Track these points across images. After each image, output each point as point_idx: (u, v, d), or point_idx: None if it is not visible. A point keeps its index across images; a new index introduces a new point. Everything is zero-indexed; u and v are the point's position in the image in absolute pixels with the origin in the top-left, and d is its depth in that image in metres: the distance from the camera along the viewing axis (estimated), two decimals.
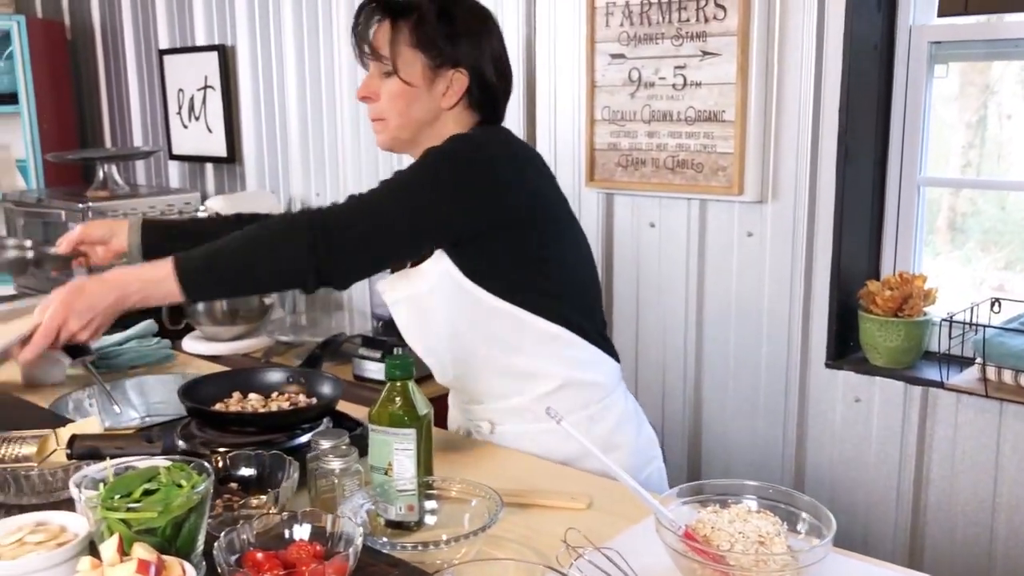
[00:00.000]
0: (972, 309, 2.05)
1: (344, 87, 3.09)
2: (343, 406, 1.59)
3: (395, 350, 2.67)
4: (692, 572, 1.09)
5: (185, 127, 3.68)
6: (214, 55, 3.46)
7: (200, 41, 3.55)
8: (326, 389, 1.54)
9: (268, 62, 3.31)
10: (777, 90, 2.18)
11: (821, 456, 2.26)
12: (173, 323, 3.03)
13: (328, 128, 3.17)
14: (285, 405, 1.51)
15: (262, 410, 1.48)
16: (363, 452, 1.32)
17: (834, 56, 2.09)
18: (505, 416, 1.60)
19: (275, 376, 1.59)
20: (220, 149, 3.54)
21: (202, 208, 2.70)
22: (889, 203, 2.25)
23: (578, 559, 1.13)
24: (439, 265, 1.48)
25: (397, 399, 1.27)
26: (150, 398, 1.92)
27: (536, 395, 1.55)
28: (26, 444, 1.23)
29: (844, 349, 2.22)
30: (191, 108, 3.62)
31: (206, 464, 1.03)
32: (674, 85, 2.28)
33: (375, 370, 2.73)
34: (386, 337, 2.74)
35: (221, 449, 1.33)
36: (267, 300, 3.10)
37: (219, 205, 2.98)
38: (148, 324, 2.18)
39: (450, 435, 1.72)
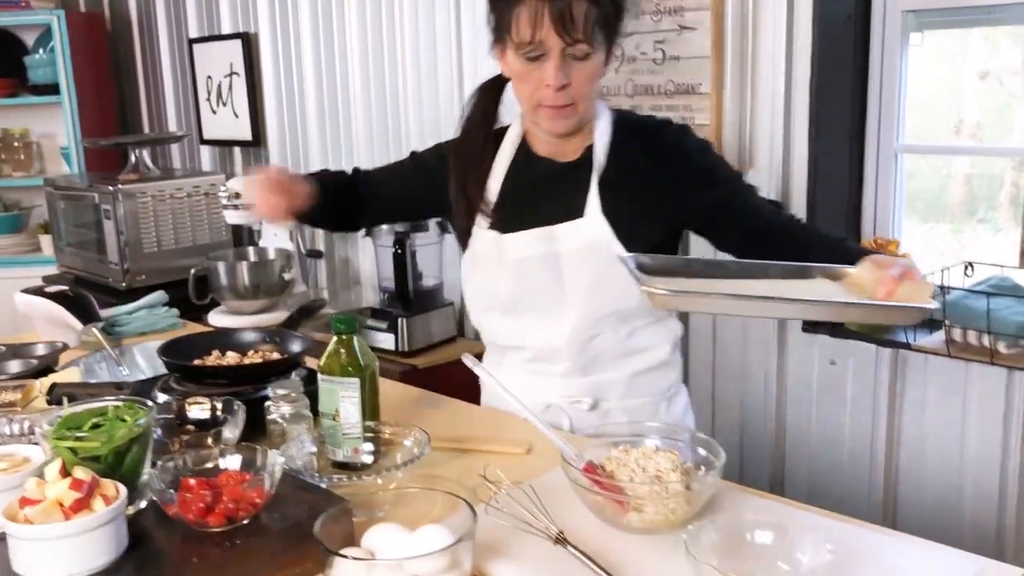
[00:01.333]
0: (943, 272, 2.10)
1: (356, 71, 3.21)
2: None
3: (399, 320, 2.81)
4: (597, 506, 1.19)
5: (214, 112, 3.85)
6: (238, 43, 3.62)
7: (226, 30, 3.71)
8: (295, 347, 1.67)
9: (288, 49, 3.46)
10: (752, 63, 2.24)
11: (799, 416, 2.32)
12: (199, 298, 3.20)
13: (343, 110, 3.30)
14: (258, 361, 1.64)
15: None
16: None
17: (805, 28, 2.15)
18: (610, 389, 1.61)
19: (251, 336, 1.73)
20: (246, 133, 3.70)
21: (222, 188, 2.85)
22: (868, 171, 2.30)
23: (496, 494, 1.24)
24: (595, 227, 1.51)
25: (343, 352, 1.40)
26: (155, 362, 2.07)
27: (643, 368, 1.61)
28: (11, 392, 1.38)
29: None
30: (219, 94, 3.79)
31: (149, 403, 1.16)
32: (654, 60, 2.36)
33: (384, 340, 2.87)
34: (392, 309, 2.87)
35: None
36: (287, 275, 3.26)
37: (237, 185, 3.13)
38: (159, 295, 2.34)
39: (424, 395, 1.83)
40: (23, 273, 3.77)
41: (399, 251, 2.76)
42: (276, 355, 1.67)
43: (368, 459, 1.37)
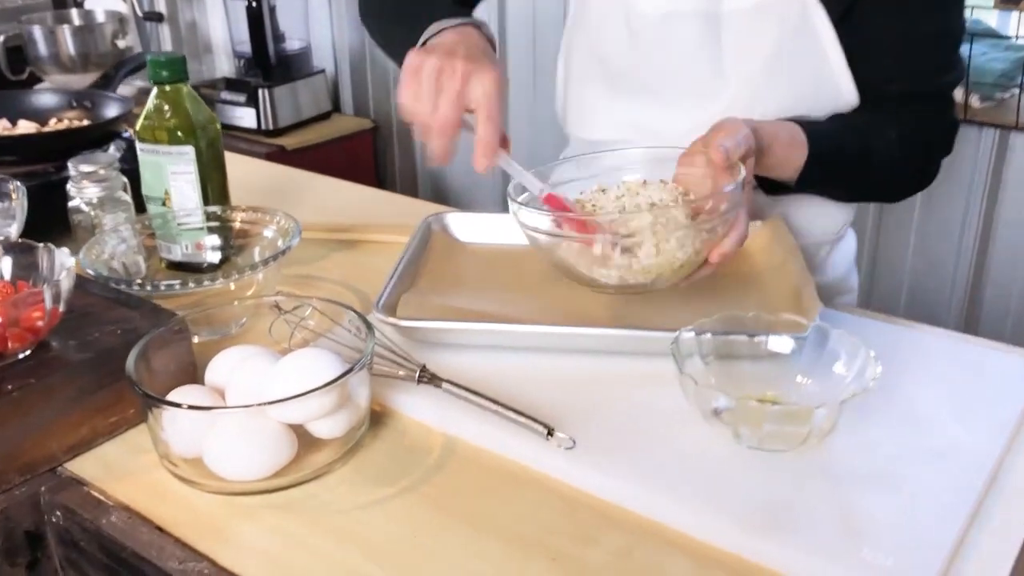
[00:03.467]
0: None
1: None
2: None
3: (259, 92, 2.35)
4: (563, 262, 0.82)
5: None
6: None
7: None
8: (110, 111, 1.25)
9: None
10: None
11: None
12: (15, 72, 2.66)
13: None
14: (60, 129, 1.22)
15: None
16: None
17: None
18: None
19: (52, 99, 1.29)
20: None
21: None
22: None
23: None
24: None
25: (167, 109, 0.99)
26: None
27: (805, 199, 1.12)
28: None
29: None
30: None
31: None
32: None
33: (243, 116, 2.43)
34: (251, 78, 2.41)
35: None
36: (121, 42, 2.72)
37: None
38: None
39: (290, 174, 1.44)
40: None
41: (254, 5, 2.27)
42: (86, 122, 1.25)
43: (214, 257, 1.00)
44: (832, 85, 0.99)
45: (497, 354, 0.84)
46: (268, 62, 2.35)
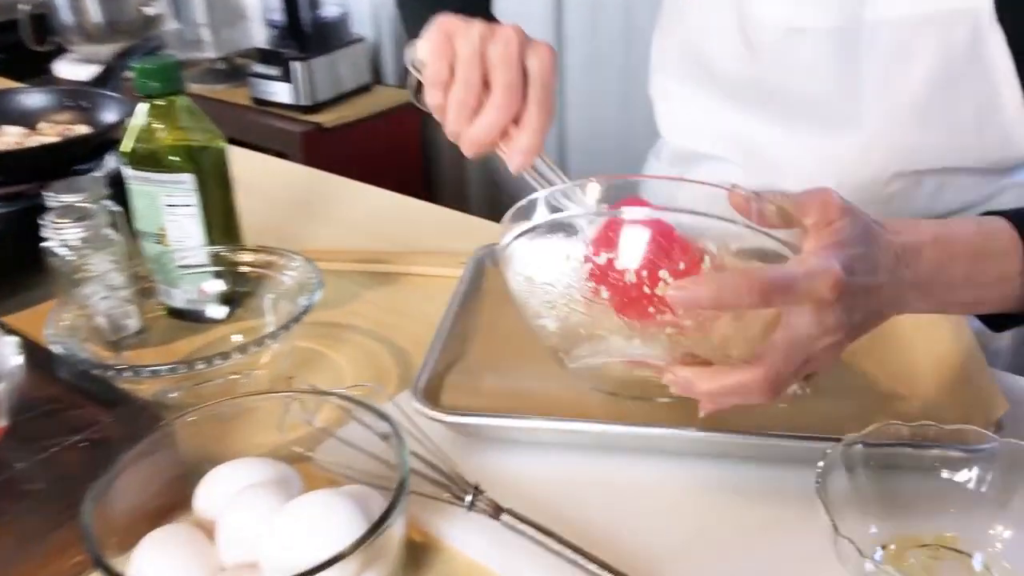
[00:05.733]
0: None
1: None
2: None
3: (294, 65, 2.15)
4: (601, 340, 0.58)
5: None
6: None
7: None
8: (109, 116, 1.06)
9: None
10: None
11: None
12: (39, 42, 2.50)
13: None
14: (54, 140, 1.04)
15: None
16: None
17: None
18: None
19: (41, 99, 1.11)
20: None
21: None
22: None
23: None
24: None
25: (157, 127, 0.81)
26: None
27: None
28: None
29: None
30: None
31: None
32: None
33: (277, 91, 2.24)
34: (285, 49, 2.21)
35: None
36: (149, 9, 2.55)
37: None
38: None
39: (318, 180, 1.26)
40: None
41: None
42: (83, 128, 1.07)
43: (219, 313, 0.82)
44: (1000, 131, 0.77)
45: (579, 457, 0.65)
46: (303, 31, 2.16)
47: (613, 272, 0.56)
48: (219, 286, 0.82)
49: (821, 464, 0.54)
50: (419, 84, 0.67)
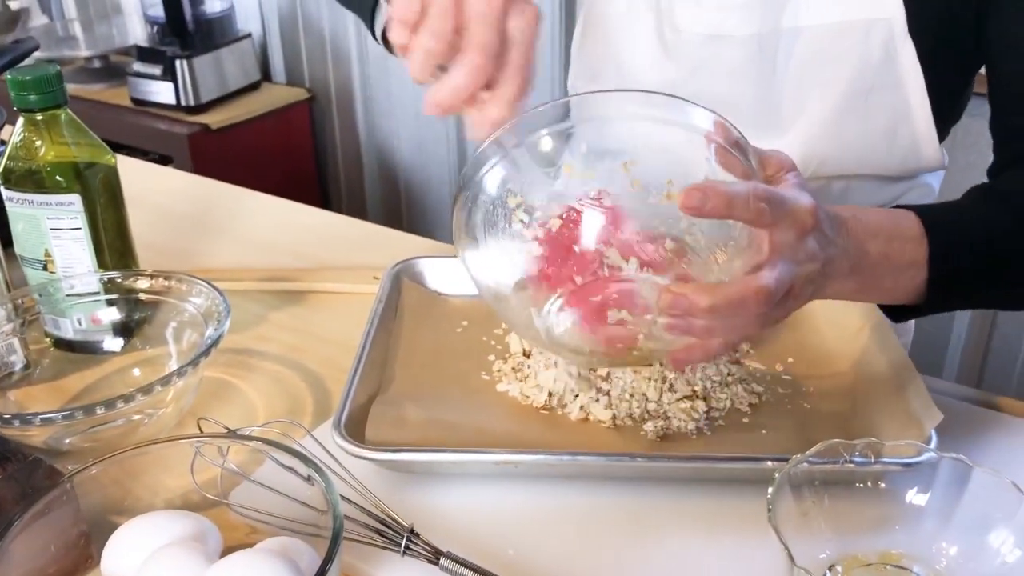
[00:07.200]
0: None
1: None
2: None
3: (177, 63, 2.05)
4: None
5: None
6: None
7: None
8: None
9: None
10: None
11: None
12: None
13: None
14: None
15: None
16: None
17: None
18: None
19: None
20: None
21: None
22: None
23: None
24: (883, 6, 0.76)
25: (39, 144, 0.74)
26: None
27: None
28: None
29: None
30: None
31: None
32: None
33: (159, 91, 2.13)
34: (166, 47, 2.11)
35: None
36: (14, 3, 2.39)
37: None
38: None
39: (213, 190, 1.19)
40: None
41: None
42: None
43: (115, 344, 0.76)
44: (910, 141, 0.78)
45: (511, 486, 0.62)
46: (185, 28, 2.06)
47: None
48: (113, 315, 0.76)
49: (771, 490, 0.52)
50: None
